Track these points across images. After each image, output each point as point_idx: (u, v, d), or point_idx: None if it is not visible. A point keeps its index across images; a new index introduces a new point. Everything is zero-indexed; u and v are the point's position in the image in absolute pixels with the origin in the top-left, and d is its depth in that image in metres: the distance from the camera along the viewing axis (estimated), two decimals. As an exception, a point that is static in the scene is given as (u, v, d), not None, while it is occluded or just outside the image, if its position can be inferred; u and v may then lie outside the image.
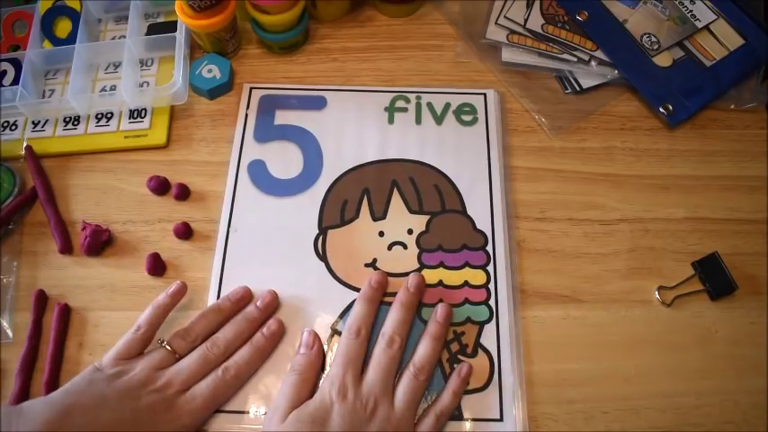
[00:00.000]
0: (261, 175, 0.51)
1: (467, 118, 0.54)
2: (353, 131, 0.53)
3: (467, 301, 0.46)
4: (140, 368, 0.40)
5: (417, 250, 0.48)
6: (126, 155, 0.53)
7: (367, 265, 0.47)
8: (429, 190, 0.50)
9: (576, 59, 0.56)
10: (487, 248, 0.48)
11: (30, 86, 0.54)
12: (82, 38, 0.56)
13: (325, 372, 0.42)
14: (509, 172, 0.52)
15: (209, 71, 0.55)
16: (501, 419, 0.42)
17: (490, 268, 0.47)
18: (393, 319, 0.43)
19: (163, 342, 0.42)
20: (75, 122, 0.54)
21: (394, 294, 0.46)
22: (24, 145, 0.52)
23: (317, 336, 0.44)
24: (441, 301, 0.45)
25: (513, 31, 0.57)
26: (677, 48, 0.56)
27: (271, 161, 0.52)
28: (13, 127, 0.54)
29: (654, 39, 0.56)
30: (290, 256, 0.48)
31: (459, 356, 0.44)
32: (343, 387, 0.40)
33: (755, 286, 0.47)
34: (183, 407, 0.40)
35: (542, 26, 0.57)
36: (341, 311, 0.45)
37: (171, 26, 0.57)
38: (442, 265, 0.47)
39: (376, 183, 0.50)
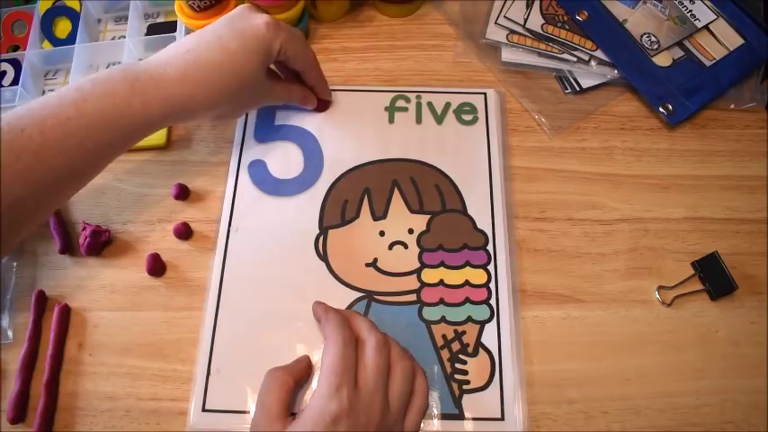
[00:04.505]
0: (261, 175, 0.51)
1: (467, 117, 0.54)
2: (354, 131, 0.53)
3: (468, 300, 0.46)
4: None
5: (418, 250, 0.48)
6: (126, 155, 0.52)
7: (368, 265, 0.47)
8: (429, 189, 0.50)
9: (575, 59, 0.56)
10: (488, 248, 0.48)
11: (29, 86, 0.54)
12: (81, 38, 0.56)
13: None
14: (509, 172, 0.52)
15: (209, 71, 0.55)
16: (502, 418, 0.42)
17: (491, 267, 0.47)
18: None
19: None
20: (75, 122, 0.54)
21: (393, 294, 0.46)
22: (24, 145, 0.52)
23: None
24: (442, 300, 0.46)
25: (512, 31, 0.57)
26: (677, 47, 0.56)
27: (271, 161, 0.52)
28: (13, 127, 0.53)
29: (654, 38, 0.56)
30: (291, 256, 0.47)
31: (461, 356, 0.44)
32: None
33: (755, 286, 0.48)
34: None
35: (542, 26, 0.57)
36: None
37: (171, 26, 0.57)
38: (442, 264, 0.47)
39: (376, 182, 0.51)
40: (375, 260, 0.47)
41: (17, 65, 0.55)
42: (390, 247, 0.48)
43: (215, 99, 0.42)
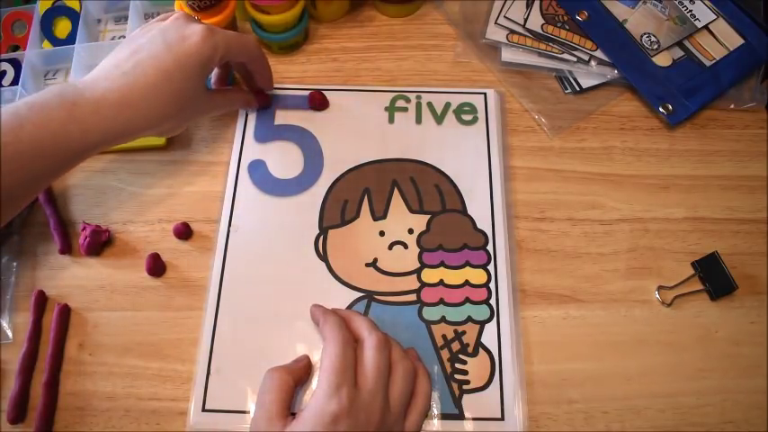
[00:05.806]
0: (261, 175, 0.51)
1: (467, 117, 0.54)
2: (354, 131, 0.53)
3: (468, 300, 0.46)
4: None
5: (418, 250, 0.48)
6: (126, 155, 0.53)
7: (368, 265, 0.47)
8: (429, 189, 0.50)
9: (575, 59, 0.56)
10: (488, 248, 0.48)
11: (29, 87, 0.54)
12: (81, 38, 0.56)
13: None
14: (509, 172, 0.52)
15: (209, 71, 0.55)
16: (502, 419, 0.42)
17: (491, 267, 0.47)
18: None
19: None
20: (75, 122, 0.54)
21: (393, 294, 0.46)
22: (24, 145, 0.52)
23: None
24: (442, 300, 0.46)
25: (512, 31, 0.57)
26: (677, 47, 0.56)
27: (271, 161, 0.52)
28: (13, 127, 0.53)
29: (653, 38, 0.56)
30: (291, 256, 0.47)
31: (461, 356, 0.44)
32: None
33: (755, 286, 0.48)
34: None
35: (542, 26, 0.57)
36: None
37: (171, 26, 0.57)
38: (442, 264, 0.47)
39: (376, 182, 0.51)
40: (375, 260, 0.47)
41: (17, 65, 0.55)
42: (390, 247, 0.48)
43: (154, 121, 0.42)
